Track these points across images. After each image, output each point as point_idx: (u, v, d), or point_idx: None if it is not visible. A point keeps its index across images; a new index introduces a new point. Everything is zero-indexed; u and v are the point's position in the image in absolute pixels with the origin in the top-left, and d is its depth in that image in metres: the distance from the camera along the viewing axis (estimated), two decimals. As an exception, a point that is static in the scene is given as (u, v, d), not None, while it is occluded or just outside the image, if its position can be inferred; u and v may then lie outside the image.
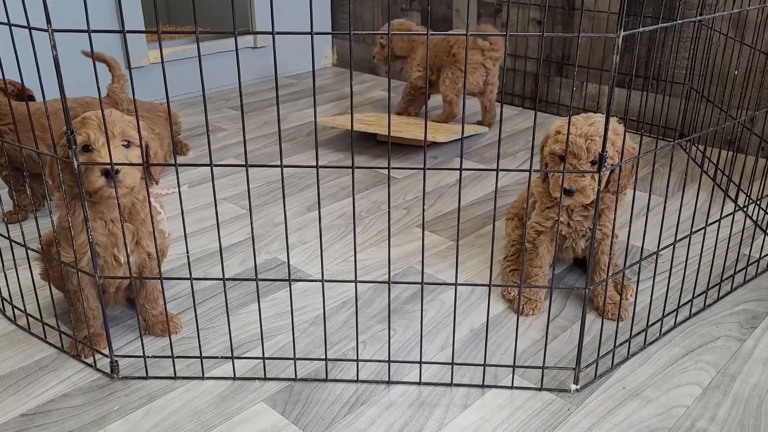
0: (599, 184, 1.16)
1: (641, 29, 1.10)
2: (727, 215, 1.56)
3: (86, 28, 1.07)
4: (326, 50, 3.79)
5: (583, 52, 2.75)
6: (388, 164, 1.12)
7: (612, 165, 1.29)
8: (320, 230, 1.20)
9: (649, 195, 1.34)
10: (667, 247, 1.38)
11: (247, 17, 3.48)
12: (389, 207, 1.19)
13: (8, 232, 1.49)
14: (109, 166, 1.19)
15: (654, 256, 1.45)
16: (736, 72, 1.96)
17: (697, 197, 1.43)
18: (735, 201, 1.97)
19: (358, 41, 3.64)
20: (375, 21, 3.51)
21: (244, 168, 1.47)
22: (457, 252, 1.23)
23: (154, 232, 1.27)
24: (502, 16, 2.97)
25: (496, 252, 1.80)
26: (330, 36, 3.78)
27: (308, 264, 1.76)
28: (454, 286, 1.42)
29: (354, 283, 1.36)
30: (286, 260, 1.75)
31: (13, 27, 1.18)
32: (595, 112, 1.55)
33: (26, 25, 1.11)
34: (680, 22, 1.16)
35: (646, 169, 2.28)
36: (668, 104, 2.57)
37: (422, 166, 1.13)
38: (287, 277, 1.23)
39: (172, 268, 1.74)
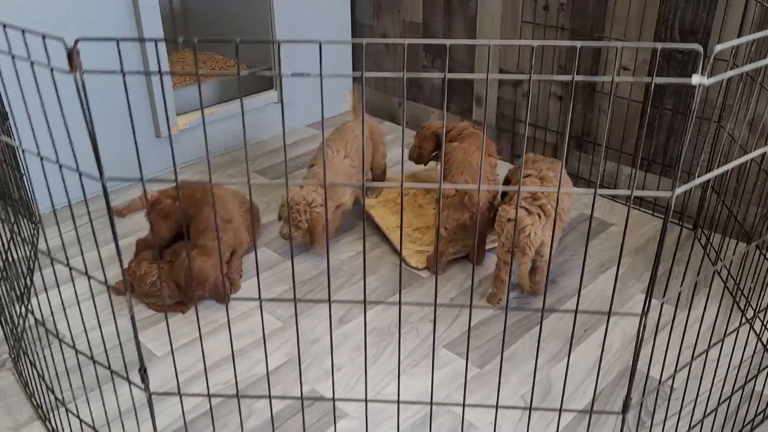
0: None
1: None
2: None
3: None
4: (347, 94, 3.81)
5: (603, 132, 2.81)
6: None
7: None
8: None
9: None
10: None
11: (268, 58, 3.48)
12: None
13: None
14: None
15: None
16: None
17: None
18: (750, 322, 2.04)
19: (380, 90, 3.69)
20: (396, 71, 3.55)
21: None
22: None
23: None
24: (523, 86, 3.02)
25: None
26: (350, 79, 3.80)
27: (347, 395, 1.80)
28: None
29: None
30: (324, 394, 1.82)
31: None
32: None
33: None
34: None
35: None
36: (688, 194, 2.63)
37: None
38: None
39: (217, 404, 1.79)
